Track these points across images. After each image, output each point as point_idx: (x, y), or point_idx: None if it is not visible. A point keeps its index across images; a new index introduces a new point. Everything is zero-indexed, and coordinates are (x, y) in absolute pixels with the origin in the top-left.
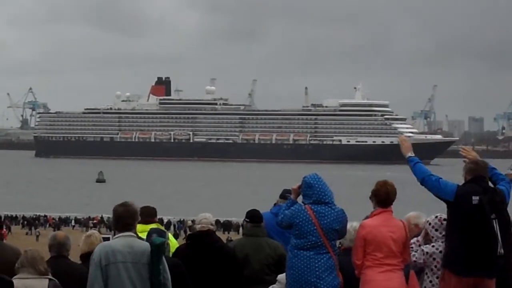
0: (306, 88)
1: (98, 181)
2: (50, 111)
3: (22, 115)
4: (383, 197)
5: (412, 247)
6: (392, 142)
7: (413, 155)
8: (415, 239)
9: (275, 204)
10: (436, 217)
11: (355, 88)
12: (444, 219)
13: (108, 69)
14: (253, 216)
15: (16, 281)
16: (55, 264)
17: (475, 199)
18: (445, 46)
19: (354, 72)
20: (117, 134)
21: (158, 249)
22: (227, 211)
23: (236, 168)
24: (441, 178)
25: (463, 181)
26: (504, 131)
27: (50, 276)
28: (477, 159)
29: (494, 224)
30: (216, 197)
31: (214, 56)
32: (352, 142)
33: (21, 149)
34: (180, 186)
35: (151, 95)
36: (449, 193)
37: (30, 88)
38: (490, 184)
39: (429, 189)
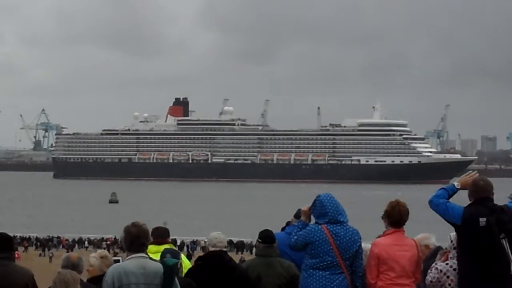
0: (318, 108)
1: (111, 201)
2: (68, 132)
3: (35, 137)
4: (397, 217)
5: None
6: (411, 161)
7: (458, 186)
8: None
9: (288, 223)
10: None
11: (373, 107)
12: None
13: (124, 91)
14: (266, 237)
15: None
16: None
17: (482, 220)
18: (460, 66)
19: (369, 92)
20: (135, 155)
21: (170, 270)
22: (242, 231)
23: (255, 188)
24: (449, 202)
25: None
26: None
27: None
28: (479, 180)
29: (504, 244)
30: (232, 217)
31: (227, 76)
32: (371, 162)
33: (34, 170)
34: (196, 207)
35: (169, 115)
36: (456, 216)
37: (43, 110)
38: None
39: (436, 211)
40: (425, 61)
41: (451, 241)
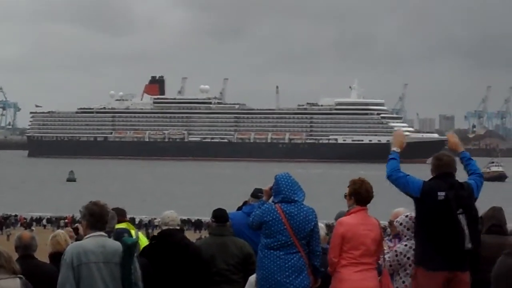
0: (277, 87)
1: (68, 180)
2: (43, 111)
3: None
4: (364, 195)
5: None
6: (388, 141)
7: (398, 150)
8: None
9: (245, 202)
10: (407, 216)
11: (350, 87)
12: (414, 217)
13: (95, 68)
14: (219, 216)
15: None
16: (22, 264)
17: (441, 194)
18: (430, 43)
19: (337, 69)
20: (111, 133)
21: (129, 249)
22: (202, 210)
23: (230, 167)
24: (409, 175)
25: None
26: (474, 129)
27: (21, 275)
28: (442, 155)
29: (461, 219)
30: (194, 196)
31: (199, 53)
32: (348, 141)
33: None
34: (161, 186)
35: (145, 94)
36: (416, 189)
37: (0, 88)
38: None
39: (396, 185)
40: (395, 38)
41: (401, 224)
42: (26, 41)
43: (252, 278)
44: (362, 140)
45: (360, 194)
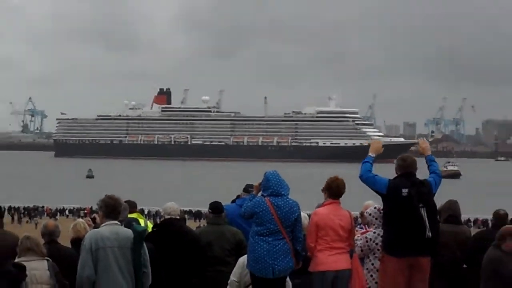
0: (265, 98)
1: (87, 177)
2: (68, 118)
3: (23, 121)
4: (335, 190)
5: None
6: (361, 143)
7: (373, 155)
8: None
9: (238, 196)
10: (375, 207)
11: (329, 98)
12: (382, 209)
13: (111, 82)
14: (215, 208)
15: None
16: (48, 249)
17: (405, 191)
18: (393, 59)
19: (317, 84)
20: (125, 137)
21: (140, 235)
22: (201, 202)
23: (226, 166)
24: (377, 175)
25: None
26: (433, 134)
27: (48, 258)
28: (406, 156)
29: (422, 212)
30: (196, 190)
31: (197, 70)
32: (328, 144)
33: (22, 150)
34: (167, 182)
35: (154, 103)
36: (383, 187)
37: (30, 98)
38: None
39: (367, 184)
40: (364, 55)
41: (370, 214)
42: (52, 59)
43: (241, 259)
44: (339, 143)
45: (331, 189)
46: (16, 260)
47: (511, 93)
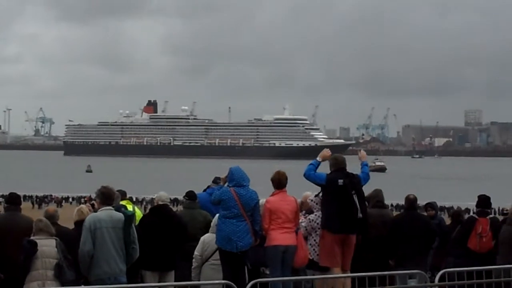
0: (229, 108)
1: (87, 171)
2: (74, 123)
3: (35, 126)
4: (277, 182)
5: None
6: (310, 144)
7: (319, 160)
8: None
9: (208, 186)
10: (316, 196)
11: (284, 108)
12: (321, 196)
13: (108, 95)
14: (190, 195)
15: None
16: None
17: (340, 181)
18: (332, 77)
19: (271, 97)
20: (120, 139)
21: (129, 218)
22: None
23: (201, 163)
24: (316, 172)
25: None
26: (363, 136)
27: (56, 237)
28: (338, 156)
29: (354, 198)
30: (175, 182)
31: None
32: (283, 144)
33: (34, 150)
34: (156, 175)
35: (143, 112)
36: (322, 179)
37: (41, 108)
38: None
39: (309, 180)
40: (308, 74)
41: (312, 201)
42: (59, 76)
43: (202, 238)
44: (292, 144)
45: (274, 181)
46: (31, 237)
47: (425, 104)
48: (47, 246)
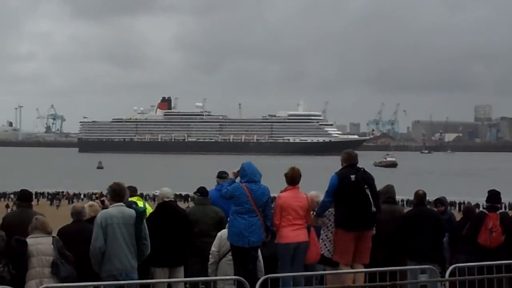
0: (239, 104)
1: (98, 168)
2: (89, 120)
3: (46, 123)
4: (290, 178)
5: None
6: (324, 140)
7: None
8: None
9: (218, 183)
10: (321, 215)
11: (298, 104)
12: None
13: (122, 92)
14: (201, 191)
15: (30, 240)
16: (75, 226)
17: (352, 177)
18: (343, 74)
19: (286, 93)
20: (135, 136)
21: (141, 214)
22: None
23: (215, 159)
24: (326, 191)
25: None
26: (373, 132)
27: (53, 235)
28: (350, 151)
29: (367, 192)
30: (186, 177)
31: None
32: (297, 140)
33: (45, 147)
34: (165, 171)
35: (158, 109)
36: (334, 181)
37: (52, 105)
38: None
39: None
40: (320, 71)
41: (322, 222)
42: (71, 74)
43: (220, 233)
44: (307, 140)
45: (288, 178)
46: (29, 236)
47: (435, 100)
48: (43, 244)
